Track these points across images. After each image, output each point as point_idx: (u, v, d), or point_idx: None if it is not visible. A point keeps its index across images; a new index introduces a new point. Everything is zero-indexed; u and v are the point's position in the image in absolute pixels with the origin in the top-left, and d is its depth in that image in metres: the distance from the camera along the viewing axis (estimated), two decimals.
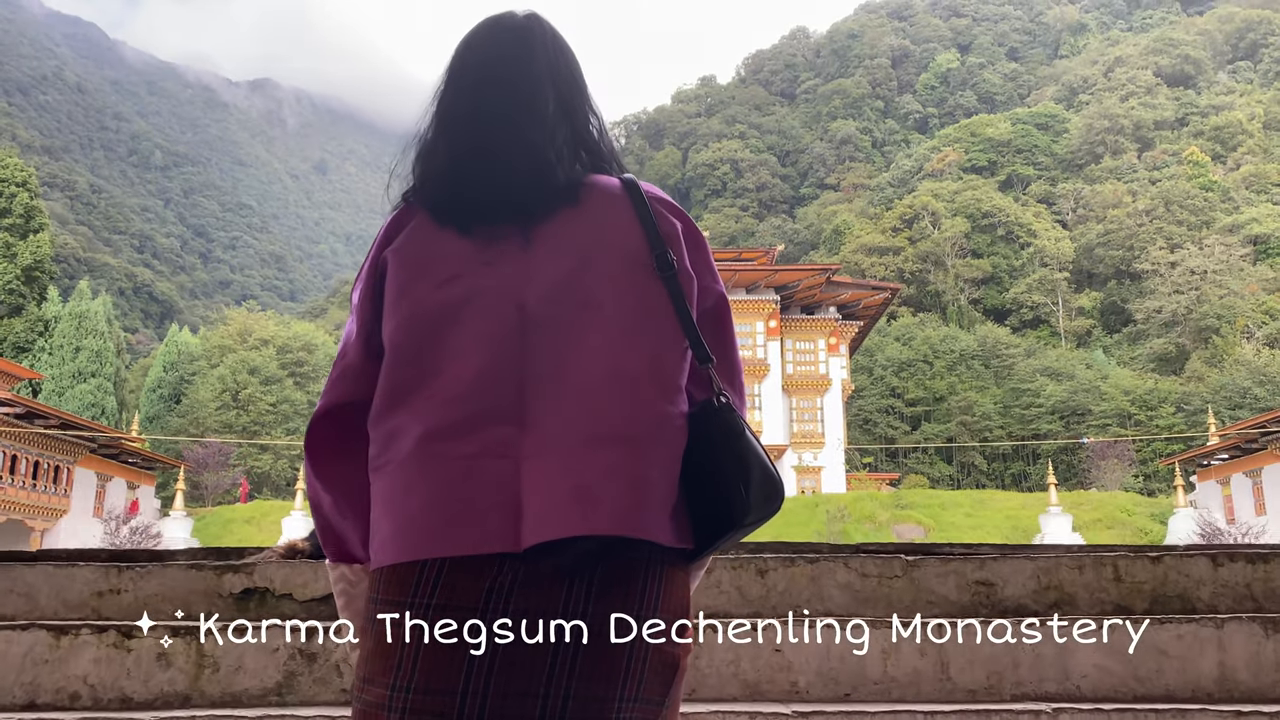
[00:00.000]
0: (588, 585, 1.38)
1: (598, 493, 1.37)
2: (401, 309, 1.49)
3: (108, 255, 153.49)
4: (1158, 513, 42.02)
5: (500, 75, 1.58)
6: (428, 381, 1.44)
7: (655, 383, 1.45)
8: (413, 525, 1.40)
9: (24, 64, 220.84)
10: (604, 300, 1.46)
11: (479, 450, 1.39)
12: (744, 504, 1.44)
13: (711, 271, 1.61)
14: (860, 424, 75.62)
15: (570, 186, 1.52)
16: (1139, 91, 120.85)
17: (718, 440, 1.46)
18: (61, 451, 41.27)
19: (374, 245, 1.58)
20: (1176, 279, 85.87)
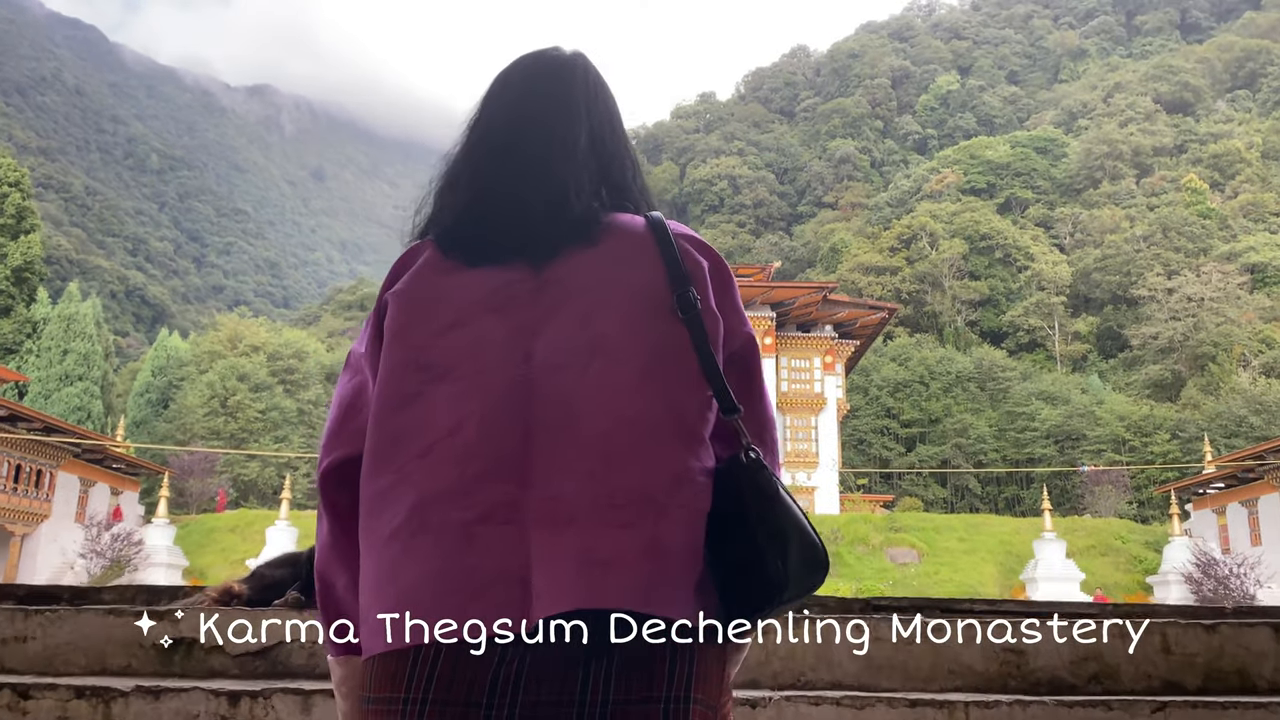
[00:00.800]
0: (607, 670, 1.21)
1: (612, 561, 1.22)
2: (395, 355, 1.37)
3: (101, 258, 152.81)
4: (1152, 540, 41.61)
5: (534, 112, 1.50)
6: (421, 437, 1.30)
7: (675, 434, 1.30)
8: (404, 606, 1.23)
9: (23, 65, 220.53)
10: (618, 346, 1.32)
11: (479, 516, 1.25)
12: (780, 577, 1.25)
13: (739, 313, 1.47)
14: (854, 444, 75.15)
15: (586, 223, 1.42)
16: (1138, 118, 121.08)
17: (748, 502, 1.28)
18: (44, 455, 40.65)
19: (382, 286, 1.49)
20: (1173, 305, 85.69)
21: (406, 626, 1.23)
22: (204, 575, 40.92)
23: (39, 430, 40.09)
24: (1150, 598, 37.28)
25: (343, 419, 1.43)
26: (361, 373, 1.45)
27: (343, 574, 1.39)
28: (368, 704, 1.27)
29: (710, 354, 1.34)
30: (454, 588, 1.22)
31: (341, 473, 1.40)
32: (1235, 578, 34.22)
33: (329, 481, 1.41)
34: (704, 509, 1.29)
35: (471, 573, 1.23)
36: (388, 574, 1.26)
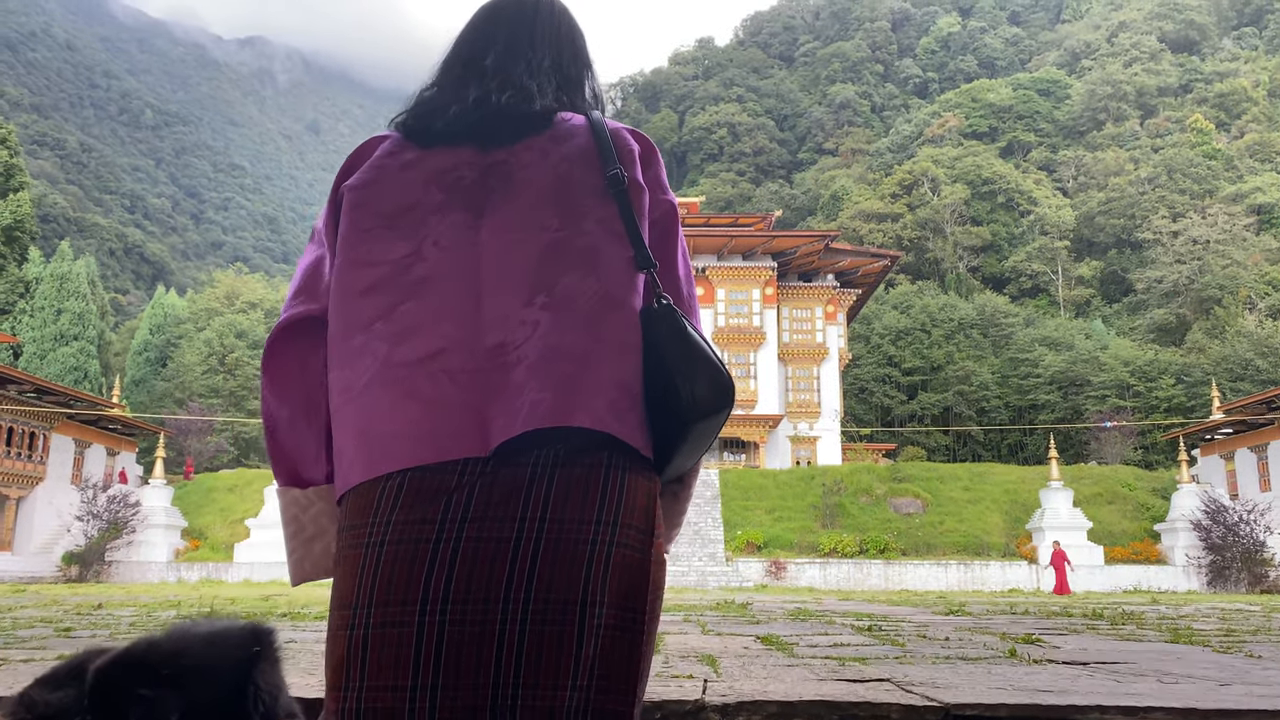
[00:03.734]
0: (546, 489, 1.38)
1: (560, 392, 1.40)
2: (354, 230, 1.56)
3: (98, 215, 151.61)
4: (1159, 487, 41.25)
5: (502, 36, 1.72)
6: (384, 301, 1.49)
7: (605, 288, 1.50)
8: (375, 442, 1.42)
9: (12, 20, 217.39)
10: (556, 215, 1.53)
11: (441, 365, 1.44)
12: (691, 400, 1.46)
13: (662, 185, 1.69)
14: (856, 393, 74.76)
15: (543, 115, 1.62)
16: (1142, 57, 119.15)
17: (661, 340, 1.49)
18: (37, 417, 40.23)
19: (337, 175, 1.67)
20: (1178, 248, 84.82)
21: (375, 460, 1.42)
22: (203, 535, 40.73)
23: (30, 393, 39.62)
24: (1158, 546, 37.05)
25: (305, 282, 1.61)
26: (323, 245, 1.63)
27: (284, 411, 1.58)
28: (342, 530, 1.44)
29: (634, 220, 1.56)
30: (421, 425, 1.40)
31: (296, 326, 1.59)
32: (1244, 524, 33.92)
33: (288, 332, 1.58)
34: (635, 346, 1.49)
35: (436, 411, 1.41)
36: (362, 418, 1.45)
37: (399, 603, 1.34)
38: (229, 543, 39.26)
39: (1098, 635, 6.52)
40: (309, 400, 1.56)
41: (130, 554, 38.27)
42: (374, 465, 1.41)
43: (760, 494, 40.84)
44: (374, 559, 1.37)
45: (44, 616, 6.88)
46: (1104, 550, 36.31)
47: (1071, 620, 7.65)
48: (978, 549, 36.74)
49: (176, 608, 9.06)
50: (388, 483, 1.40)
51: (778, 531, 37.64)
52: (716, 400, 1.46)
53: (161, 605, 9.61)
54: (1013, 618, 7.93)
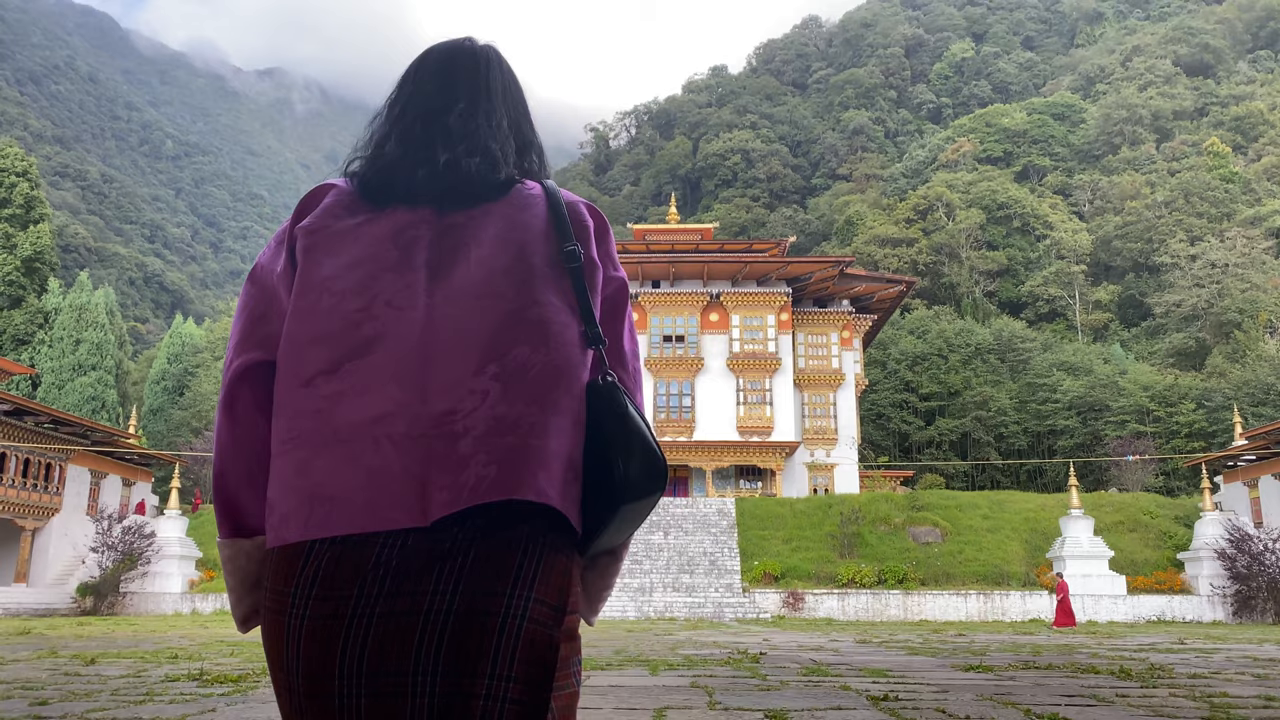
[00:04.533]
0: (462, 563, 1.38)
1: (507, 465, 1.40)
2: (309, 283, 1.54)
3: (119, 245, 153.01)
4: (1182, 515, 40.67)
5: (460, 86, 1.70)
6: (332, 356, 1.47)
7: (554, 363, 1.50)
8: (312, 504, 1.41)
9: (36, 53, 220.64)
10: (510, 287, 1.52)
11: (384, 429, 1.41)
12: (625, 481, 1.47)
13: (614, 261, 1.70)
14: (873, 419, 74.29)
15: (505, 183, 1.62)
16: (1157, 81, 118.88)
17: (602, 418, 1.51)
18: (54, 448, 40.33)
19: (290, 218, 1.66)
20: (1197, 272, 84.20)
21: (300, 525, 1.41)
22: (217, 566, 40.62)
23: (47, 424, 39.73)
24: (1182, 575, 36.47)
25: (251, 327, 1.59)
26: (269, 287, 1.60)
27: (239, 464, 1.55)
28: (266, 590, 1.46)
29: (586, 296, 1.57)
30: (361, 492, 1.39)
31: (253, 374, 1.56)
32: (1270, 553, 33.33)
33: (241, 381, 1.56)
34: (581, 421, 1.50)
35: (377, 478, 1.39)
36: (298, 475, 1.44)
37: (321, 677, 1.37)
38: None
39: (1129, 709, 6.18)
40: (262, 453, 1.53)
41: (145, 585, 38.18)
42: (309, 528, 1.40)
43: (777, 523, 40.49)
44: (296, 632, 1.39)
45: (27, 678, 6.72)
46: (1126, 580, 35.76)
47: (1098, 681, 7.27)
48: (997, 578, 36.24)
49: (174, 660, 8.89)
50: (315, 549, 1.40)
51: (795, 561, 37.27)
52: (649, 484, 1.48)
53: (160, 657, 9.44)
54: (1038, 675, 7.59)
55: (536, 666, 1.38)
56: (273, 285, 1.59)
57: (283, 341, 1.52)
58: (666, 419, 50.87)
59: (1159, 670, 8.25)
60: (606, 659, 9.22)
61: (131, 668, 7.81)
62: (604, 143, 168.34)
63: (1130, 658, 10.40)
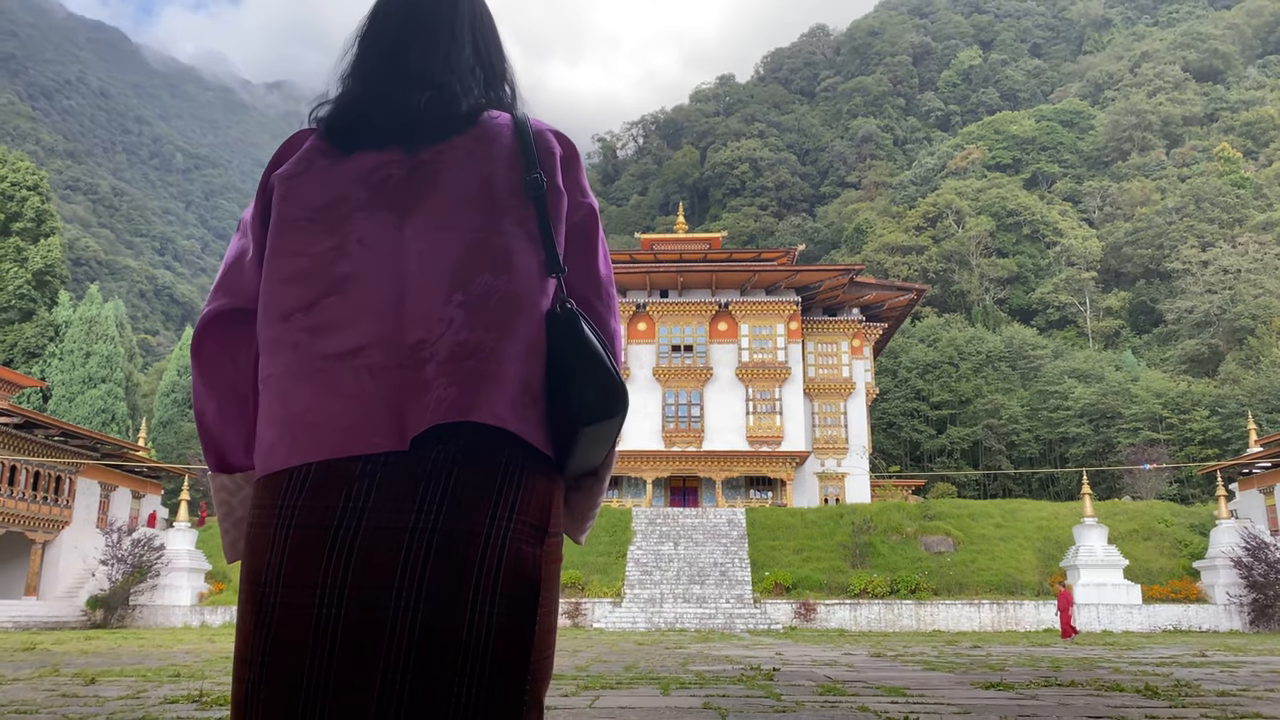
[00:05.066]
0: (444, 485, 1.42)
1: (465, 388, 1.45)
2: (282, 226, 1.58)
3: (129, 257, 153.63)
4: (1197, 523, 40.31)
5: (424, 18, 1.70)
6: (308, 295, 1.52)
7: (517, 292, 1.53)
8: (296, 431, 1.47)
9: (48, 69, 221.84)
10: (476, 219, 1.56)
11: (360, 359, 1.47)
12: (581, 404, 1.51)
13: (582, 188, 1.71)
14: (884, 428, 73.96)
15: (469, 115, 1.63)
16: (1166, 87, 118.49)
17: (562, 345, 1.54)
18: (64, 461, 40.33)
19: (266, 167, 1.69)
20: (1209, 278, 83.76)
21: (286, 451, 1.47)
22: (226, 578, 40.56)
23: (57, 437, 39.74)
24: (1198, 584, 36.11)
25: (225, 275, 1.65)
26: (247, 237, 1.66)
27: (212, 402, 1.63)
28: (254, 509, 1.50)
29: (548, 225, 1.59)
30: (341, 419, 1.45)
31: (219, 319, 1.62)
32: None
33: (210, 325, 1.62)
34: (540, 347, 1.54)
35: (356, 405, 1.45)
36: (281, 406, 1.50)
37: (302, 586, 1.39)
38: None
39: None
40: (236, 392, 1.60)
41: (154, 598, 38.13)
42: (293, 454, 1.46)
43: (788, 533, 40.25)
44: (281, 541, 1.43)
45: (24, 700, 6.59)
46: (1141, 589, 35.44)
47: (1124, 700, 7.03)
48: (1011, 588, 35.95)
49: (176, 679, 8.74)
50: (299, 471, 1.45)
51: (806, 572, 37.02)
52: (605, 406, 1.52)
53: (162, 675, 9.29)
54: (1060, 694, 7.36)
55: (521, 584, 1.42)
56: (248, 233, 1.65)
57: (262, 282, 1.57)
58: (676, 429, 50.67)
59: (1185, 687, 8.02)
60: (617, 676, 9.04)
61: (131, 688, 7.67)
62: (611, 153, 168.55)
63: (1154, 673, 10.16)
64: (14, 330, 62.79)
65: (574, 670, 9.85)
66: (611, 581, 37.18)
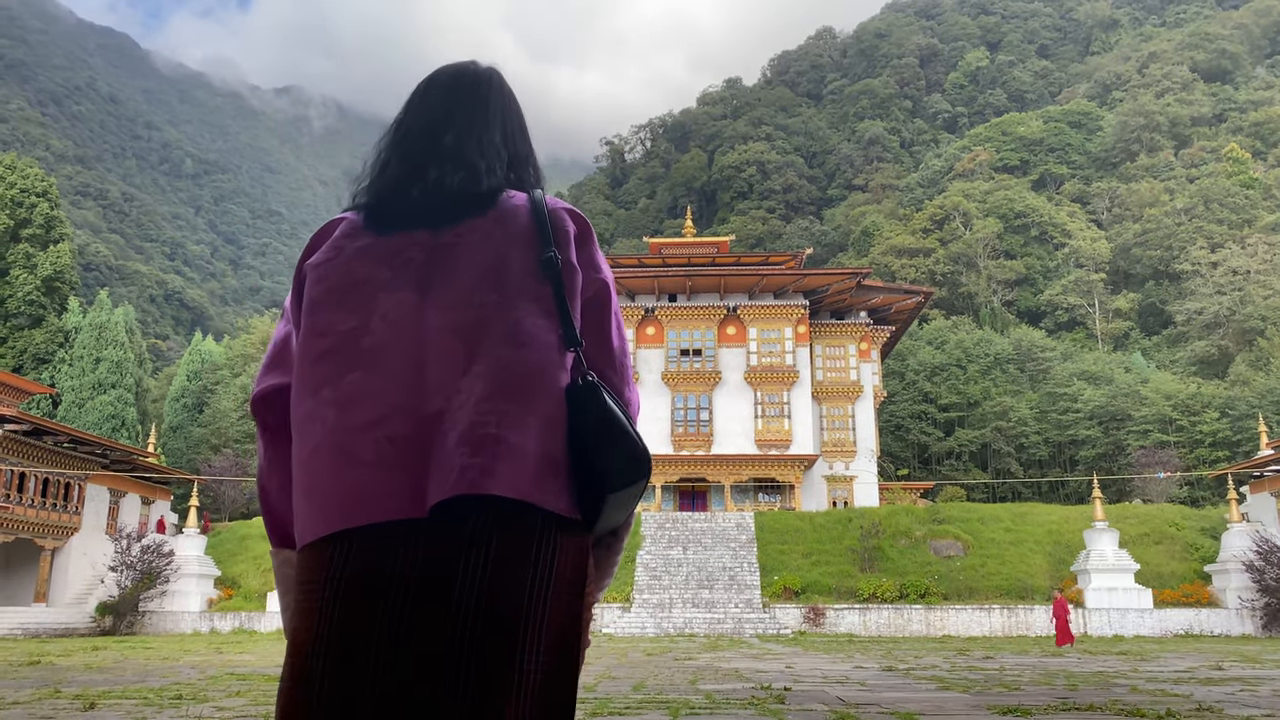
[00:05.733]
0: (486, 552, 1.49)
1: (487, 459, 1.51)
2: (313, 308, 1.68)
3: (139, 263, 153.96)
4: (1208, 527, 40.09)
5: (456, 111, 1.82)
6: (336, 373, 1.60)
7: (537, 365, 1.61)
8: (322, 502, 1.54)
9: (58, 75, 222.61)
10: (495, 294, 1.64)
11: (384, 432, 1.54)
12: (606, 473, 1.59)
13: (595, 264, 1.79)
14: (892, 430, 73.74)
15: (490, 195, 1.73)
16: (1174, 87, 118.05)
17: (584, 417, 1.61)
18: (72, 467, 40.38)
19: (301, 256, 1.79)
20: (1218, 279, 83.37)
21: (325, 519, 1.53)
22: (236, 584, 40.57)
23: (66, 444, 39.78)
24: (1209, 588, 35.89)
25: (275, 357, 1.75)
26: (289, 321, 1.76)
27: (274, 479, 1.70)
28: (300, 583, 1.56)
29: (564, 301, 1.67)
30: (361, 487, 1.52)
31: (271, 398, 1.71)
32: None
33: (261, 404, 1.72)
34: (560, 419, 1.60)
35: (375, 474, 1.52)
36: (312, 478, 1.56)
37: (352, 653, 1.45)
38: (262, 591, 39.07)
39: None
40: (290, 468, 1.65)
41: (164, 604, 38.17)
42: (323, 524, 1.52)
43: (797, 537, 40.13)
44: (329, 612, 1.48)
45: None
46: (1152, 593, 35.23)
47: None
48: (1021, 592, 35.77)
49: (178, 701, 8.66)
50: (338, 541, 1.51)
51: (815, 576, 36.90)
52: (631, 474, 1.59)
53: (164, 696, 9.21)
54: (1082, 718, 7.22)
55: (563, 637, 1.53)
56: (290, 319, 1.76)
57: (295, 362, 1.67)
58: (684, 433, 50.58)
59: (1209, 712, 7.88)
60: (624, 699, 8.94)
61: (130, 714, 7.58)
62: (619, 156, 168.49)
63: (1173, 693, 10.00)
64: (24, 336, 62.95)
65: (581, 691, 9.75)
66: (620, 587, 37.09)
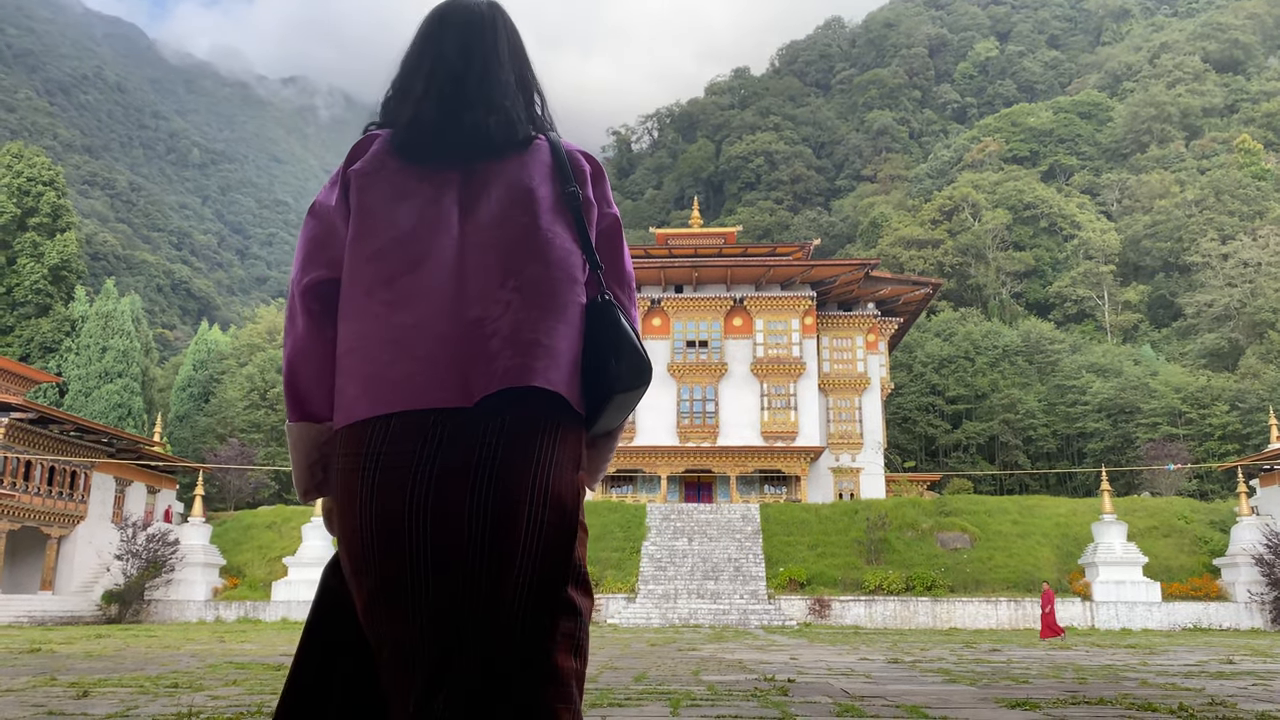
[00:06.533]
0: (500, 434, 1.74)
1: (528, 359, 1.78)
2: (363, 217, 1.89)
3: (146, 252, 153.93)
4: (1218, 520, 39.86)
5: (473, 46, 2.02)
6: (391, 281, 1.82)
7: (561, 281, 1.87)
8: (378, 387, 1.77)
9: (65, 64, 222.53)
10: (527, 223, 1.88)
11: (432, 331, 1.78)
12: (616, 376, 1.85)
13: (608, 200, 2.06)
14: (899, 422, 73.50)
15: (525, 140, 1.97)
16: (1186, 78, 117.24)
17: (600, 327, 1.88)
18: (78, 456, 40.39)
19: (343, 163, 1.99)
20: (1229, 271, 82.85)
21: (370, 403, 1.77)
22: (241, 573, 40.56)
23: (72, 432, 39.79)
24: (1218, 581, 35.67)
25: (316, 250, 1.93)
26: (327, 219, 1.93)
27: (310, 361, 1.90)
28: (341, 457, 1.80)
29: (585, 230, 1.95)
30: (416, 378, 1.76)
31: (319, 288, 1.90)
32: None
33: (309, 293, 1.90)
34: (581, 329, 1.88)
35: (428, 367, 1.76)
36: (365, 365, 1.80)
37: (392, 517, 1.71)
38: (267, 580, 39.08)
39: None
40: (330, 354, 1.87)
41: (169, 593, 38.20)
42: (376, 406, 1.76)
43: (802, 529, 39.98)
44: (370, 480, 1.74)
45: (6, 718, 6.37)
46: (1161, 586, 35.03)
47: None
48: (1028, 585, 35.59)
49: (173, 690, 8.53)
50: (379, 422, 1.75)
51: (821, 568, 36.76)
52: (635, 379, 1.85)
53: (160, 685, 9.09)
54: (1089, 713, 7.02)
55: (563, 497, 1.77)
56: (330, 217, 1.93)
57: (346, 259, 1.88)
58: (690, 425, 50.43)
59: (1221, 706, 7.71)
60: (625, 689, 8.79)
61: (124, 702, 7.45)
62: (626, 146, 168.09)
63: (1184, 687, 9.83)
64: (30, 325, 63.01)
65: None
66: (626, 577, 37.01)
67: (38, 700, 7.48)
